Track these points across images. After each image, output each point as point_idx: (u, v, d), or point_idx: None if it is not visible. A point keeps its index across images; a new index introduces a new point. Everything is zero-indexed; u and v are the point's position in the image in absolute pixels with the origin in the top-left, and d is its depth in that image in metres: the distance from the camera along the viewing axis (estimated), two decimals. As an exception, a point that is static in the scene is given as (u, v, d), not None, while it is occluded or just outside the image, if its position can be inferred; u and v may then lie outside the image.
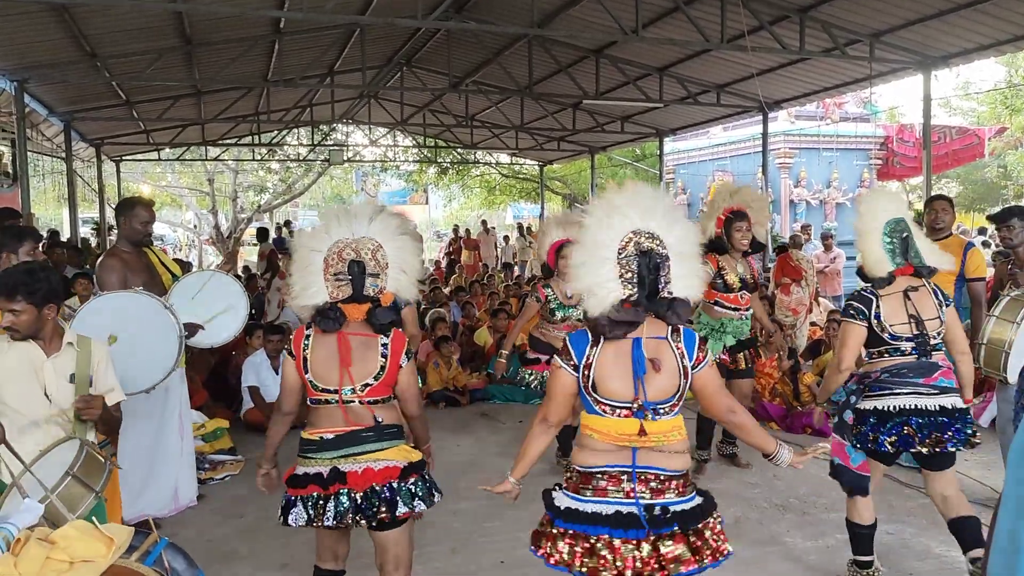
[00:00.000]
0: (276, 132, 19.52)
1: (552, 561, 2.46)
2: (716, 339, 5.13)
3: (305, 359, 2.89)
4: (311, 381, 2.89)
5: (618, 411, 2.45)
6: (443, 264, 20.12)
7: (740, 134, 18.98)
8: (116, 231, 6.65)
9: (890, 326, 3.51)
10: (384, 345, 2.90)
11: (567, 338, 2.56)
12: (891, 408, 3.47)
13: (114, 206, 12.29)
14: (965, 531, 3.53)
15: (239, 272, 15.78)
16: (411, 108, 16.85)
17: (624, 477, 2.44)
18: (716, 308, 5.09)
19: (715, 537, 2.47)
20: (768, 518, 4.67)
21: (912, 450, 3.48)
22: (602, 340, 2.46)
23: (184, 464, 4.95)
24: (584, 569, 2.39)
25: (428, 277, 13.44)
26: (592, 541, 2.40)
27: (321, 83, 13.79)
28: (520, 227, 22.42)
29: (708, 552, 2.42)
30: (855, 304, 3.58)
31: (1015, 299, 4.39)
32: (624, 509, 2.40)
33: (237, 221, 23.57)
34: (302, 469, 2.90)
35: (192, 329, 4.45)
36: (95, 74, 10.40)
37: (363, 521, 2.80)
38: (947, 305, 3.58)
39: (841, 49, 9.13)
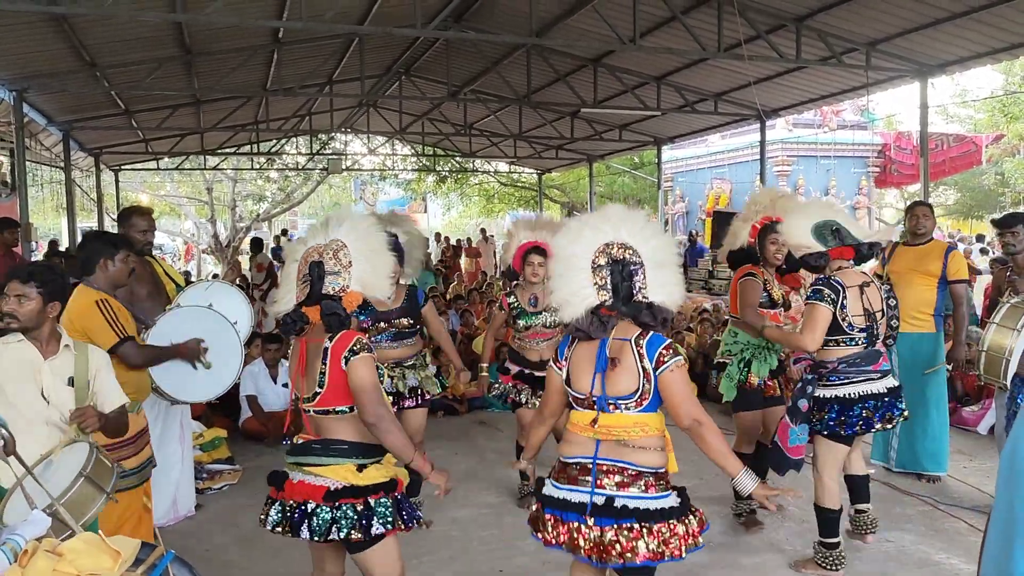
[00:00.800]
0: (275, 141, 19.55)
1: (545, 541, 2.67)
2: (761, 360, 4.53)
3: (289, 367, 3.04)
4: (293, 391, 2.95)
5: (582, 403, 2.68)
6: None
7: (738, 142, 19.03)
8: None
9: (851, 316, 3.75)
10: (325, 349, 2.74)
11: (560, 344, 2.80)
12: (851, 395, 3.78)
13: (115, 216, 12.31)
14: (856, 486, 4.29)
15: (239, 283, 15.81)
16: (410, 117, 16.89)
17: (589, 467, 2.61)
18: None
19: (679, 539, 2.54)
20: (768, 525, 4.65)
21: (873, 429, 3.87)
22: (576, 341, 2.71)
23: (184, 473, 4.94)
24: (566, 547, 2.61)
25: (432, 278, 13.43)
26: (569, 524, 2.60)
27: (320, 92, 13.82)
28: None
29: (667, 550, 2.52)
30: (826, 290, 3.74)
31: (1015, 306, 4.39)
32: (584, 498, 2.57)
33: (236, 230, 23.58)
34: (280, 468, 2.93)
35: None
36: (94, 84, 10.42)
37: (285, 533, 2.75)
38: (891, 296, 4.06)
39: (838, 57, 9.16)
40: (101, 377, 3.10)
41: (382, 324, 4.57)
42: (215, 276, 17.79)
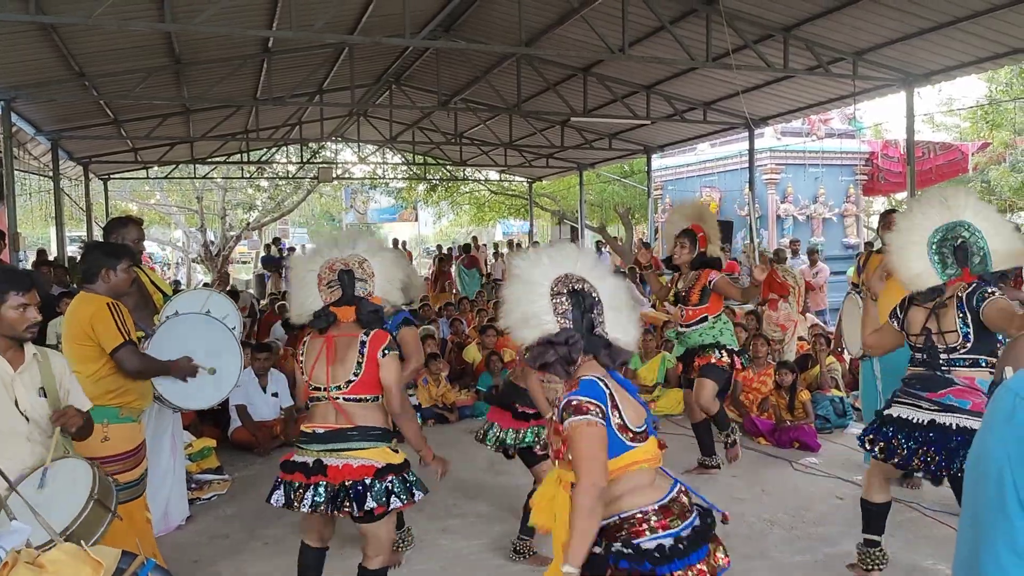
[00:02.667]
0: (265, 150, 19.53)
1: None
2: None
3: (303, 362, 3.27)
4: (309, 382, 3.23)
5: (644, 436, 2.40)
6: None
7: (727, 150, 19.12)
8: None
9: (910, 335, 3.50)
10: (362, 343, 3.17)
11: (579, 394, 2.35)
12: (902, 417, 3.48)
13: (102, 226, 12.24)
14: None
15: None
16: (400, 126, 16.91)
17: (683, 491, 2.43)
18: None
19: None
20: (756, 532, 4.67)
21: (912, 465, 3.39)
22: (609, 379, 2.42)
23: (176, 484, 4.92)
24: None
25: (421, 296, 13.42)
26: (697, 566, 2.29)
27: (310, 101, 13.83)
28: (510, 243, 22.46)
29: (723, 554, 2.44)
30: (895, 308, 3.65)
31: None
32: (698, 521, 2.38)
33: (226, 239, 23.52)
34: (296, 457, 3.20)
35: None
36: (83, 93, 10.39)
37: (339, 512, 3.07)
38: (978, 310, 3.26)
39: (825, 67, 9.24)
40: (67, 382, 3.05)
41: None
42: (206, 285, 17.73)
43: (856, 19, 8.30)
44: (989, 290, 3.23)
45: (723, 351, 5.39)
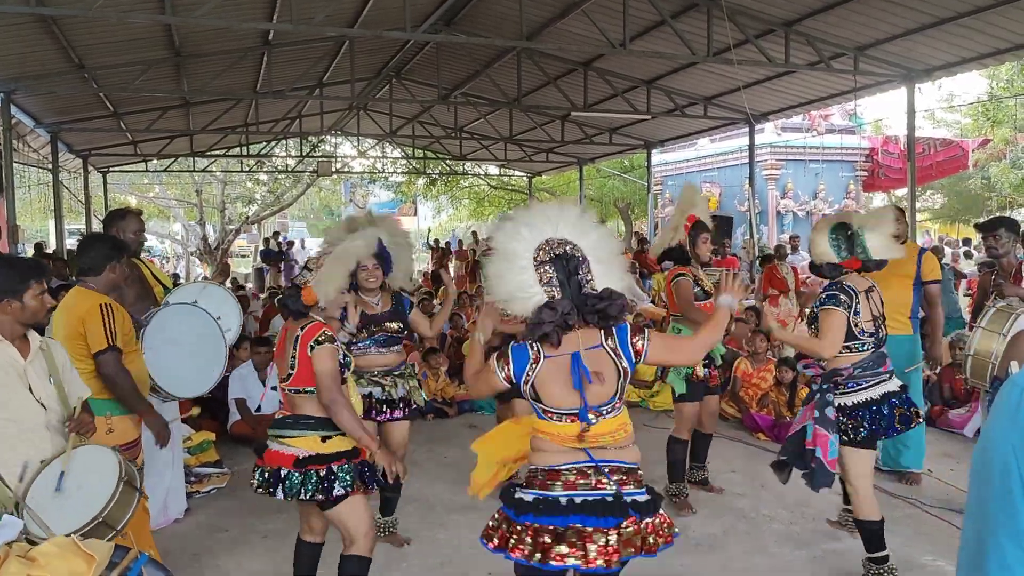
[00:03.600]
0: (265, 143, 19.50)
1: (516, 554, 2.49)
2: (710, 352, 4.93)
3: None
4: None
5: (565, 417, 2.55)
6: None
7: (727, 146, 19.10)
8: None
9: (863, 322, 3.78)
10: (296, 337, 3.20)
11: (511, 348, 2.58)
12: (876, 397, 3.78)
13: (101, 219, 12.14)
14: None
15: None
16: (400, 120, 16.88)
17: (590, 471, 2.52)
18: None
19: (664, 528, 2.57)
20: (756, 528, 4.68)
21: (912, 425, 3.89)
22: (542, 360, 2.53)
23: (175, 477, 4.93)
24: (541, 558, 2.44)
25: (416, 288, 13.40)
26: (562, 530, 2.43)
27: (310, 95, 13.80)
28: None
29: (658, 541, 2.52)
30: (841, 295, 3.75)
31: (1000, 310, 4.43)
32: (595, 497, 2.48)
33: (225, 232, 23.50)
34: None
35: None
36: (83, 85, 10.37)
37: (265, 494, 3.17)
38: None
39: (826, 62, 9.22)
40: (68, 369, 3.10)
41: (372, 328, 4.45)
42: (204, 279, 17.72)
43: (857, 14, 8.29)
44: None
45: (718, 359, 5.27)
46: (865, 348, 3.80)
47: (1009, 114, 20.06)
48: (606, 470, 2.52)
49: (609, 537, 2.42)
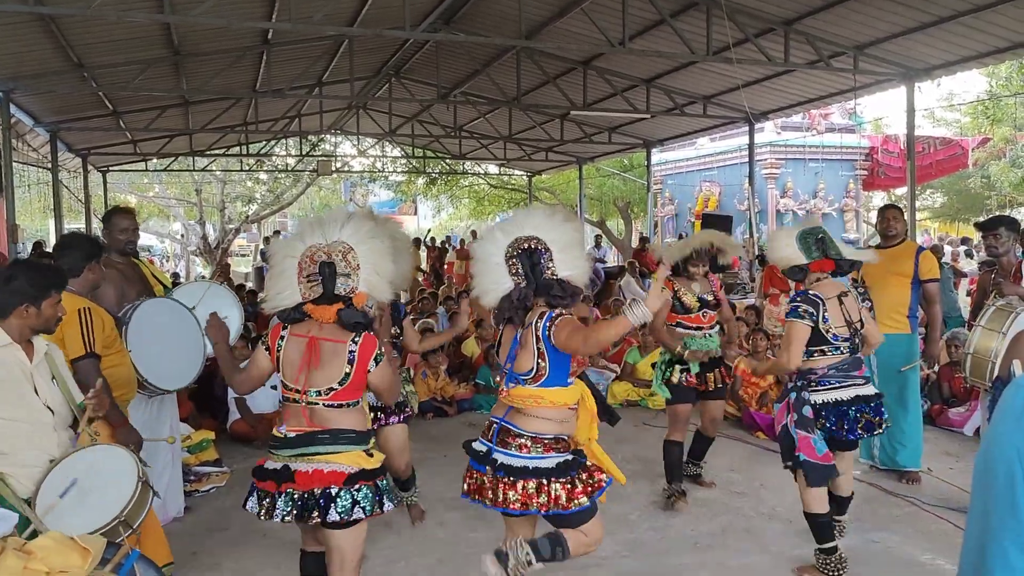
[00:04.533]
0: (264, 142, 19.49)
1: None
2: (683, 364, 4.93)
3: (278, 358, 3.01)
4: (282, 380, 3.01)
5: (500, 375, 3.15)
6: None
7: (727, 145, 19.11)
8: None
9: (834, 328, 3.82)
10: (351, 352, 2.93)
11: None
12: (844, 399, 3.83)
13: (101, 218, 12.09)
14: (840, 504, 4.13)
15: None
16: (400, 119, 16.88)
17: (492, 425, 3.13)
18: (678, 329, 4.95)
19: (549, 497, 2.95)
20: (755, 527, 4.68)
21: (874, 433, 3.96)
22: (502, 330, 3.15)
23: (173, 476, 4.92)
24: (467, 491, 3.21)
25: (418, 288, 13.42)
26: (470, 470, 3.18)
27: (309, 94, 13.80)
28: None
29: (535, 503, 2.95)
30: (803, 306, 3.81)
31: (1000, 309, 4.43)
32: (482, 448, 3.12)
33: (225, 232, 23.49)
34: (268, 463, 2.99)
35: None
36: (82, 84, 10.36)
37: (307, 520, 2.87)
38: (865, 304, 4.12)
39: (825, 61, 9.22)
40: (65, 370, 3.13)
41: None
42: (203, 278, 17.72)
43: (857, 13, 8.29)
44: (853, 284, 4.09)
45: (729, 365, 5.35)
46: (839, 352, 3.85)
47: (1009, 113, 20.06)
48: (496, 425, 3.08)
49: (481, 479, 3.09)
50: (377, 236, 3.11)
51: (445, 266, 19.35)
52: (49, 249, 12.07)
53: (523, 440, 3.01)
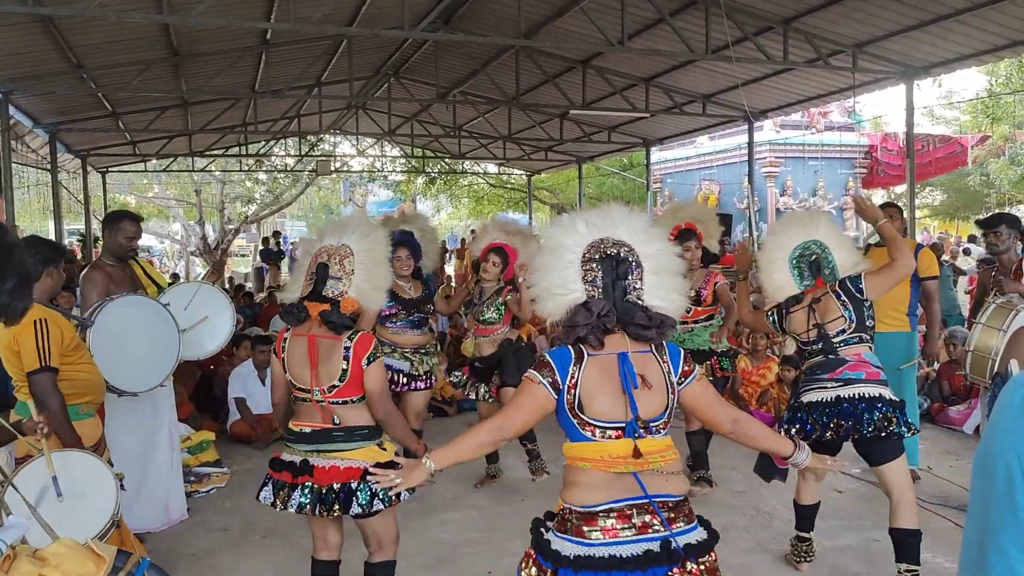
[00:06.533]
0: (263, 143, 19.48)
1: None
2: None
3: (284, 359, 3.13)
4: (290, 380, 3.11)
5: (608, 432, 2.23)
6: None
7: (726, 143, 19.10)
8: (101, 244, 6.62)
9: (797, 335, 3.88)
10: (347, 348, 3.01)
11: (547, 353, 2.33)
12: (822, 400, 3.78)
13: (101, 219, 12.03)
14: (902, 543, 3.69)
15: (225, 285, 15.74)
16: (399, 118, 16.87)
17: (632, 511, 2.20)
18: None
19: (714, 568, 2.28)
20: (755, 525, 4.68)
21: (826, 437, 3.72)
22: (585, 357, 2.27)
23: (174, 478, 4.91)
24: None
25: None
26: None
27: (308, 94, 13.78)
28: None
29: None
30: (770, 311, 4.03)
31: (1001, 306, 4.43)
32: (642, 548, 2.17)
33: (224, 232, 23.47)
34: (284, 455, 3.12)
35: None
36: (81, 85, 10.35)
37: (327, 514, 2.98)
38: (858, 289, 3.74)
39: (824, 59, 9.21)
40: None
41: (409, 310, 5.21)
42: (198, 280, 17.73)
43: (856, 11, 8.28)
44: (857, 275, 3.76)
45: (732, 361, 5.48)
46: (811, 355, 3.86)
47: (1008, 111, 20.05)
48: (656, 505, 2.20)
49: None
50: (381, 243, 3.23)
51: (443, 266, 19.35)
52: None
53: (686, 508, 2.28)
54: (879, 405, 3.64)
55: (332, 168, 21.53)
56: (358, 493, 2.96)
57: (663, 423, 2.29)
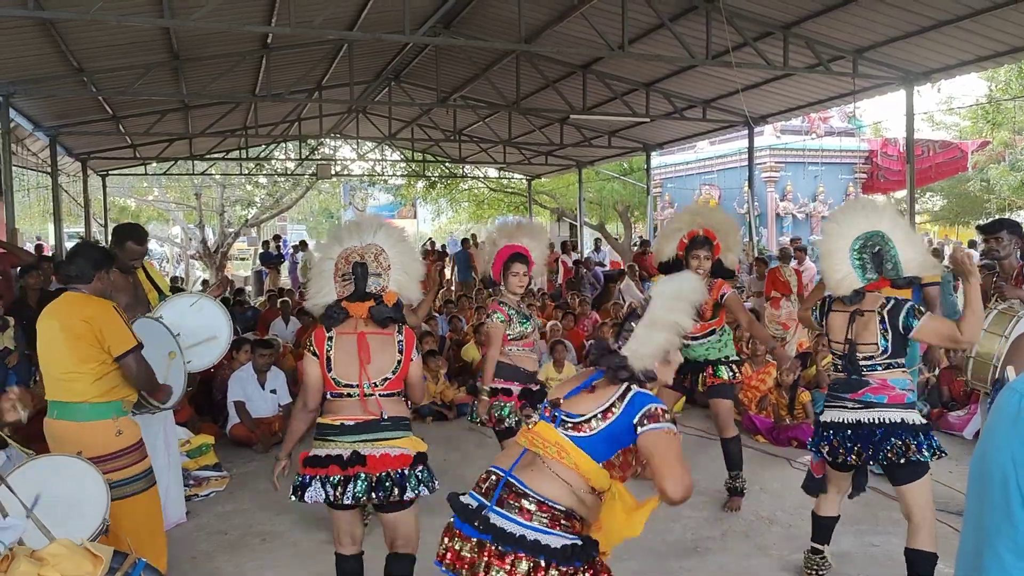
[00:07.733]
0: (264, 146, 19.50)
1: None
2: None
3: (329, 358, 3.14)
4: (334, 378, 3.14)
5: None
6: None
7: (726, 148, 19.12)
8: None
9: (831, 340, 3.75)
10: (400, 341, 3.19)
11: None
12: (843, 420, 3.65)
13: (100, 222, 12.01)
14: (916, 564, 3.62)
15: (227, 295, 15.71)
16: (399, 123, 16.90)
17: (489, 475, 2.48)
18: None
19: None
20: (755, 530, 4.67)
21: (850, 460, 3.61)
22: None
23: (172, 481, 4.90)
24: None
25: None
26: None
27: (309, 98, 13.81)
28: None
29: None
30: (815, 307, 3.87)
31: (1002, 312, 4.43)
32: (472, 502, 2.45)
33: (224, 235, 23.48)
34: (321, 451, 3.11)
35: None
36: (81, 89, 10.38)
37: (372, 503, 3.08)
38: (907, 327, 3.52)
39: (825, 65, 9.24)
40: None
41: None
42: (204, 282, 17.72)
43: (856, 17, 8.30)
44: (916, 308, 3.55)
45: (732, 367, 5.08)
46: (838, 369, 3.71)
47: (1008, 116, 20.07)
48: (499, 481, 2.45)
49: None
50: (406, 239, 3.40)
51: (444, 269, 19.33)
52: (49, 252, 12.08)
53: (527, 503, 2.32)
54: (899, 431, 3.49)
55: (332, 172, 21.54)
56: (410, 478, 3.08)
57: (584, 423, 2.38)
